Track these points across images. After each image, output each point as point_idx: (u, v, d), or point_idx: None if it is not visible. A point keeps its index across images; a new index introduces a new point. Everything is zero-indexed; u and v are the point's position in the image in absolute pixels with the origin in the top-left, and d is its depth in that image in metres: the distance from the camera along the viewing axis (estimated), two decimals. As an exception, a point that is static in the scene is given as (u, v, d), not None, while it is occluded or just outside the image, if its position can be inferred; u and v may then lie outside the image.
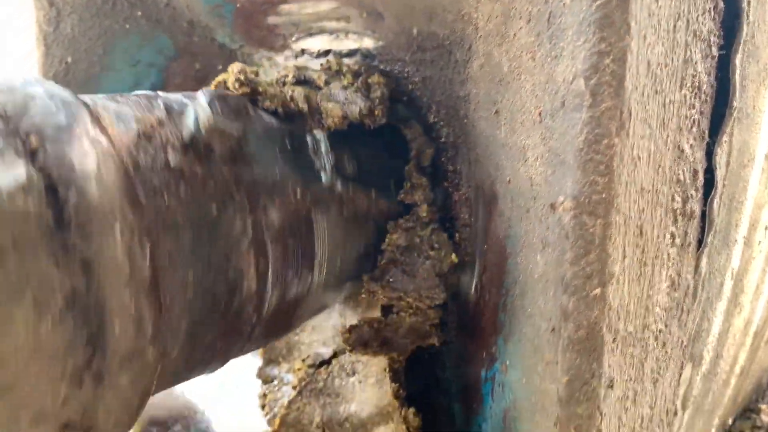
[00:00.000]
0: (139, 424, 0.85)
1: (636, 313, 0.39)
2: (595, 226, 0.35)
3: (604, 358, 0.37)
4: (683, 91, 0.40)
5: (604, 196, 0.34)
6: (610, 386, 0.38)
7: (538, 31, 0.38)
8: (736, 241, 0.57)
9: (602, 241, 0.35)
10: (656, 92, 0.36)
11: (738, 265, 0.60)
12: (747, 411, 1.00)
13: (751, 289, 0.67)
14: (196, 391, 0.85)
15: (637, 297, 0.39)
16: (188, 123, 0.38)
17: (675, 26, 0.37)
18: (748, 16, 0.46)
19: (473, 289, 0.53)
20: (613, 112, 0.34)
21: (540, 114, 0.39)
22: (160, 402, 0.86)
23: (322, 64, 0.55)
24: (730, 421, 0.92)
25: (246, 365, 0.85)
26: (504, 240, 0.47)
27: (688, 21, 0.38)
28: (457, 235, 0.55)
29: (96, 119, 0.34)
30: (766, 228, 0.65)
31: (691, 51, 0.40)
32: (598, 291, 0.35)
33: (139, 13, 0.66)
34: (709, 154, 0.47)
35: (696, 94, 0.41)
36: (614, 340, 0.37)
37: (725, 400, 0.79)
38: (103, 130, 0.34)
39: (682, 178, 0.42)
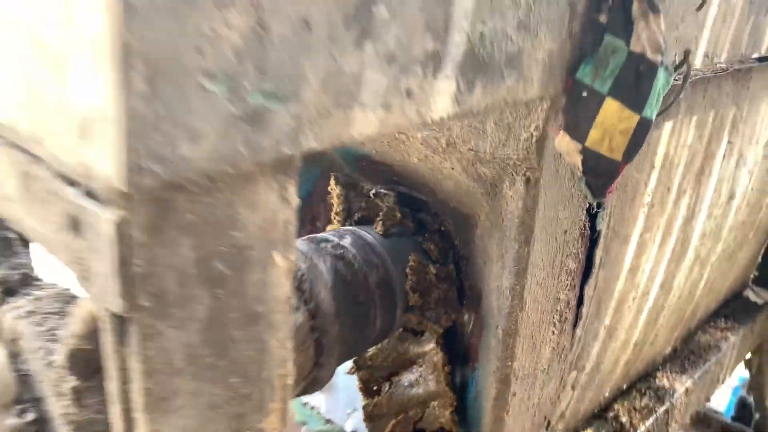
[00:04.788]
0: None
1: (529, 366, 0.94)
2: (511, 338, 0.89)
3: (511, 380, 0.92)
4: (561, 278, 0.93)
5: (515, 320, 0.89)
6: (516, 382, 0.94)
7: (498, 243, 0.92)
8: (603, 325, 1.11)
9: (513, 344, 0.90)
10: (545, 281, 0.90)
11: (609, 325, 1.14)
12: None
13: (620, 338, 1.22)
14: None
15: (529, 360, 0.94)
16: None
17: (552, 262, 0.90)
18: (599, 260, 0.98)
19: (469, 330, 1.09)
20: (520, 290, 0.87)
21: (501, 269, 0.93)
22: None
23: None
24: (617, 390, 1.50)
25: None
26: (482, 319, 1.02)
27: (561, 261, 0.91)
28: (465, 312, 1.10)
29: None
30: (612, 315, 1.19)
31: (565, 266, 0.93)
32: (509, 363, 0.90)
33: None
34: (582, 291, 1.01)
35: (570, 277, 0.95)
36: (516, 378, 0.93)
37: (613, 381, 1.36)
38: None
39: (560, 307, 0.96)
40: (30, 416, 0.68)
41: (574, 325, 1.03)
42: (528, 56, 0.65)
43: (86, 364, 0.63)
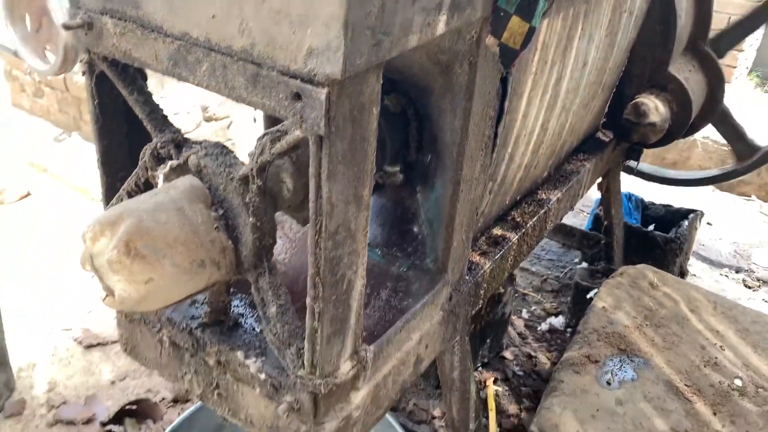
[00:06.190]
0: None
1: (469, 174, 1.59)
2: (461, 156, 1.53)
3: (460, 182, 1.57)
4: (486, 120, 1.56)
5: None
6: (463, 184, 1.59)
7: (450, 102, 1.53)
8: (507, 152, 1.78)
9: (461, 161, 1.53)
10: (478, 122, 1.52)
11: (510, 152, 1.81)
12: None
13: (516, 161, 1.91)
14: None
15: (469, 170, 1.59)
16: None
17: (482, 111, 1.52)
18: (506, 109, 1.62)
19: (428, 161, 1.71)
20: (465, 128, 1.50)
21: (453, 117, 1.55)
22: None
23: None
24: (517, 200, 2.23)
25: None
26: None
27: (486, 110, 1.54)
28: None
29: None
30: (512, 146, 1.86)
31: (488, 113, 1.56)
32: (459, 172, 1.54)
33: None
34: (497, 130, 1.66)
35: (491, 120, 1.58)
36: (463, 182, 1.57)
37: (511, 193, 2.07)
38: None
39: (485, 139, 1.61)
40: (220, 211, 1.25)
41: (492, 151, 1.69)
42: (476, -3, 1.24)
43: (264, 172, 1.20)
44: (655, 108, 2.63)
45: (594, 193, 4.12)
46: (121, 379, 2.74)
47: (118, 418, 2.52)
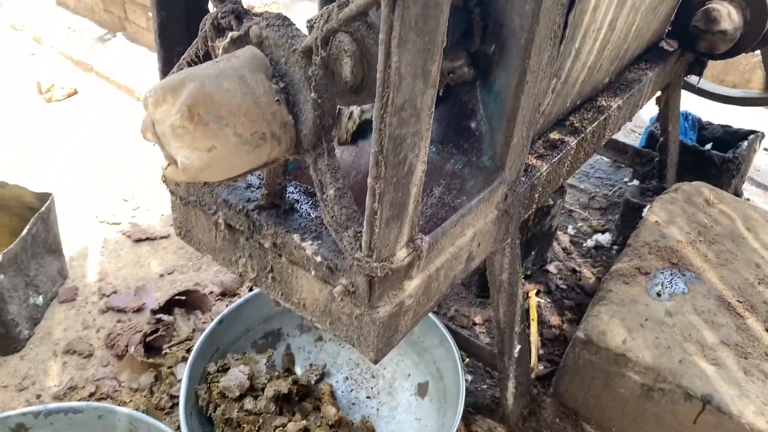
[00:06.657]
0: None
1: (535, 64, 1.52)
2: (529, 43, 1.45)
3: (527, 72, 1.50)
4: (558, 7, 1.47)
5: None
6: (529, 74, 1.52)
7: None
8: (574, 47, 1.68)
9: (530, 48, 1.45)
10: (551, 7, 1.44)
11: (577, 47, 1.72)
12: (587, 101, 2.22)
13: (582, 59, 1.80)
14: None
15: (536, 60, 1.51)
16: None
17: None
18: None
19: (491, 52, 1.63)
20: (537, 12, 1.41)
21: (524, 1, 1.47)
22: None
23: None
24: (577, 103, 2.14)
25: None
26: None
27: (559, 0, 1.44)
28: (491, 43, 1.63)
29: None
30: (579, 40, 1.75)
31: (561, 6, 1.46)
32: (527, 61, 1.47)
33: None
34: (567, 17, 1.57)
35: (562, 8, 1.49)
36: (529, 71, 1.50)
37: (573, 96, 1.98)
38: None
39: (555, 27, 1.52)
40: (282, 84, 1.21)
41: (560, 42, 1.60)
42: None
43: (328, 44, 1.15)
44: (728, 14, 2.46)
45: (646, 113, 3.97)
46: (170, 273, 2.81)
47: (168, 307, 2.60)
